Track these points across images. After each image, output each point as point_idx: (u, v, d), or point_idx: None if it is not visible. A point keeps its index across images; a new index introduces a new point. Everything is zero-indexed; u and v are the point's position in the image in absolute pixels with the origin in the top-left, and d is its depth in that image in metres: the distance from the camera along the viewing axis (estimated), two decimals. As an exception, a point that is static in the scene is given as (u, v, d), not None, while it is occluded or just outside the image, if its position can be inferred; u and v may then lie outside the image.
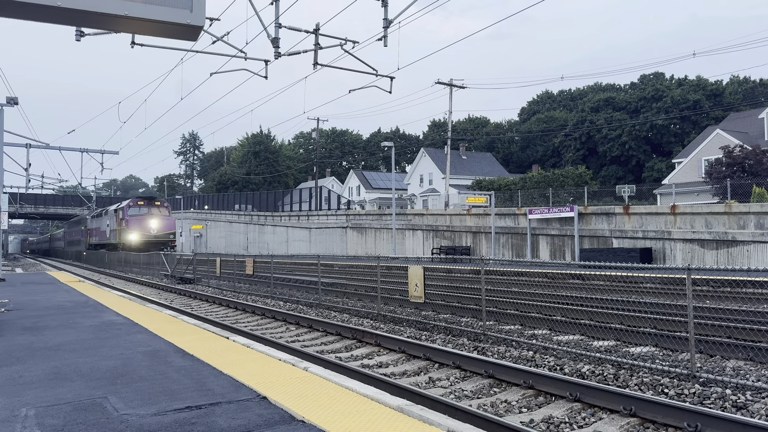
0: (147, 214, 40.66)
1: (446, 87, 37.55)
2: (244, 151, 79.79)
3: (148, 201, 42.44)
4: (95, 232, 49.82)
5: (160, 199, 44.02)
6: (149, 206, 41.58)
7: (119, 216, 41.00)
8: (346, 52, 16.64)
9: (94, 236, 49.99)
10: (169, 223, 41.35)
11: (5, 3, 3.59)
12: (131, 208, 40.78)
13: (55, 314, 9.69)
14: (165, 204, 43.16)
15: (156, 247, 35.88)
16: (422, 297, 11.32)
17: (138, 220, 39.79)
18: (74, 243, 64.25)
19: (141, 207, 41.25)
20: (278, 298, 16.49)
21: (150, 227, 39.98)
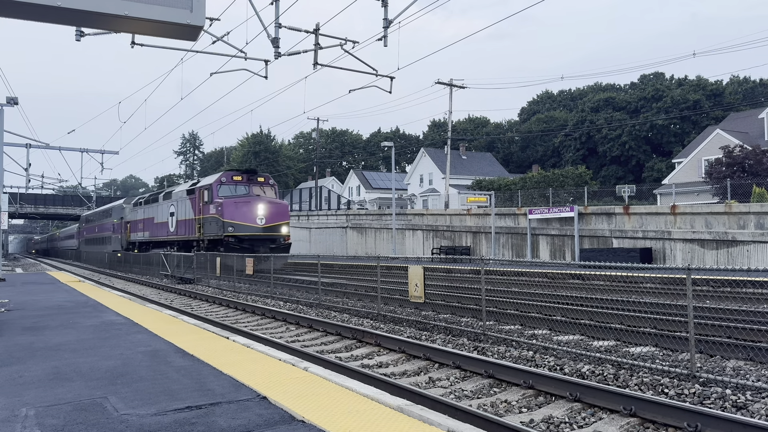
0: (248, 195, 25.79)
1: (446, 87, 37.56)
2: (244, 151, 79.79)
3: (248, 175, 27.06)
4: (144, 226, 35.34)
5: (263, 174, 27.73)
6: (250, 182, 26.55)
7: (202, 198, 26.55)
8: (346, 52, 16.64)
9: (141, 231, 35.85)
10: (280, 209, 25.98)
11: (5, 3, 3.59)
12: (223, 185, 25.89)
13: (55, 314, 9.69)
14: (270, 180, 27.68)
15: (264, 247, 24.28)
16: (422, 297, 11.31)
17: (236, 204, 24.87)
18: (97, 242, 49.35)
19: (238, 183, 26.30)
20: (278, 298, 16.49)
21: (255, 214, 24.91)
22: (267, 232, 24.92)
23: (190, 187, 29.13)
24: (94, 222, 52.72)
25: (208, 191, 26.08)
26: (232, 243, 24.08)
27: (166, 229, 31.31)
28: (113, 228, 43.62)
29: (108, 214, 45.98)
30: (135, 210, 38.26)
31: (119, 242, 41.64)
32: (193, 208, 27.62)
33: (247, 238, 24.35)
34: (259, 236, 24.65)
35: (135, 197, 44.92)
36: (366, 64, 17.41)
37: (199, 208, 26.95)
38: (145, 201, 36.21)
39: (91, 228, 53.97)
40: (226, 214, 24.54)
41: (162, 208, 32.29)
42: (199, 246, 26.84)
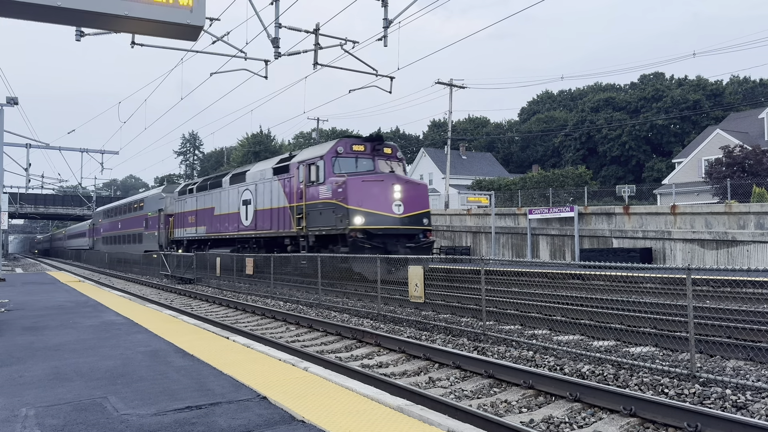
0: (375, 172, 18.39)
1: (446, 87, 37.57)
2: (244, 151, 79.76)
3: (372, 143, 19.00)
4: (197, 219, 27.59)
5: (389, 143, 19.83)
6: (375, 154, 18.83)
7: (307, 176, 18.90)
8: (346, 52, 16.65)
9: (192, 226, 28.24)
10: (420, 193, 18.46)
11: (5, 3, 3.59)
12: (340, 158, 18.33)
13: (55, 314, 9.69)
14: (398, 152, 19.74)
15: (401, 246, 16.89)
16: (422, 297, 11.31)
17: (364, 184, 17.48)
18: (122, 240, 40.99)
19: (360, 155, 18.63)
20: (278, 298, 16.49)
21: (391, 200, 17.44)
22: (406, 225, 17.24)
23: (279, 163, 21.25)
24: (116, 216, 43.39)
25: (317, 166, 18.38)
26: (360, 240, 16.38)
27: (236, 223, 23.75)
28: (147, 223, 34.98)
29: (137, 207, 37.92)
30: (181, 200, 30.07)
31: (155, 240, 33.03)
32: (287, 192, 20.14)
33: (380, 233, 16.76)
34: (396, 231, 17.05)
35: (178, 184, 37.28)
36: (366, 64, 17.41)
37: (297, 190, 19.30)
38: (198, 187, 28.35)
39: (112, 224, 44.68)
40: (352, 198, 16.79)
41: (228, 196, 24.81)
42: (297, 244, 19.45)
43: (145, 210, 36.14)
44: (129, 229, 39.49)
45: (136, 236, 37.67)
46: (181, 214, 30.22)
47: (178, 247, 30.53)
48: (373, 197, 17.20)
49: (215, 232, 26.01)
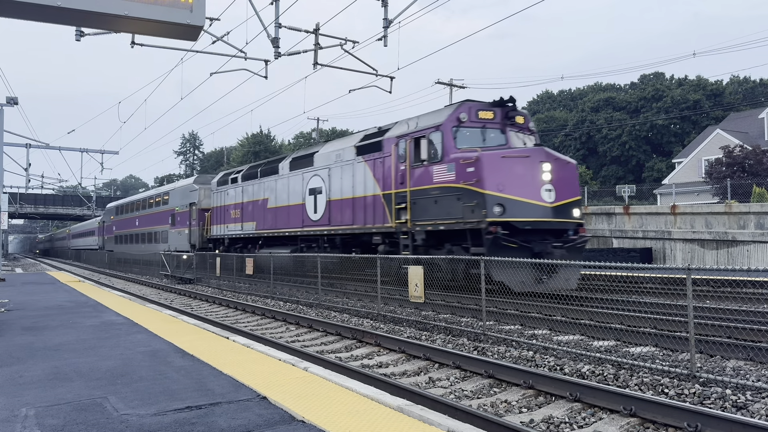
0: (508, 147, 13.96)
1: (446, 87, 37.57)
2: (244, 151, 79.72)
3: (503, 110, 14.42)
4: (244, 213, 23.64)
5: (521, 111, 14.82)
6: (506, 123, 14.43)
7: (416, 151, 14.76)
8: (346, 52, 16.64)
9: (237, 221, 24.20)
10: (570, 175, 13.76)
11: (5, 3, 3.59)
12: (463, 129, 14.03)
13: (55, 314, 9.69)
14: (530, 123, 15.24)
15: (549, 244, 12.68)
16: (422, 297, 11.31)
17: (505, 162, 13.05)
18: (142, 239, 36.32)
19: (488, 124, 14.28)
20: (278, 298, 16.49)
21: (539, 183, 12.94)
22: (558, 217, 12.93)
23: (366, 140, 16.76)
24: (133, 213, 38.53)
25: (430, 140, 14.14)
26: (503, 238, 12.15)
27: (300, 217, 19.68)
28: (173, 219, 30.60)
29: (160, 201, 33.19)
30: (221, 191, 25.93)
31: (185, 239, 28.64)
32: (378, 176, 15.98)
33: (528, 227, 12.59)
34: (546, 225, 12.82)
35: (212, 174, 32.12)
36: (366, 64, 17.41)
37: (397, 173, 15.18)
38: (245, 175, 23.98)
39: (127, 221, 39.66)
40: (490, 180, 12.69)
41: (287, 184, 20.69)
42: (395, 243, 15.35)
43: (171, 204, 31.34)
44: (150, 226, 34.73)
45: (159, 234, 33.16)
46: (221, 208, 25.66)
47: (217, 246, 26.20)
48: (516, 180, 12.81)
49: (269, 228, 21.77)
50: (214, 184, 27.07)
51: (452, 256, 12.28)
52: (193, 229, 28.13)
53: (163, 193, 33.71)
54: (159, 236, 33.23)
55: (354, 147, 17.42)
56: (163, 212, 32.48)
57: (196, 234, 27.78)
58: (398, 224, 15.12)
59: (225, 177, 26.33)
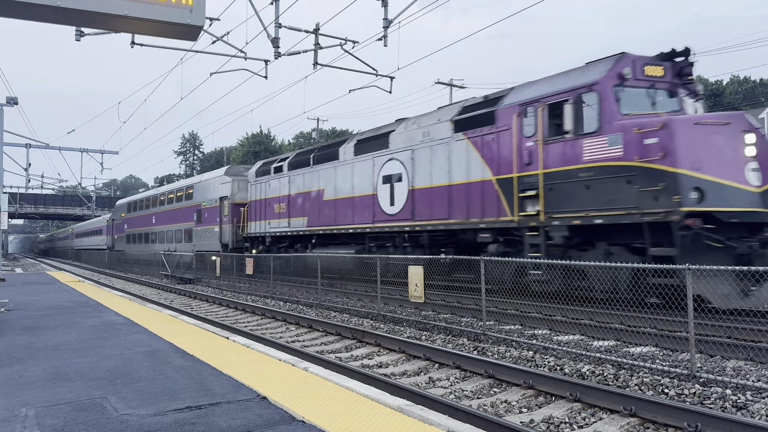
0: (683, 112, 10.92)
1: (446, 87, 37.58)
2: (244, 151, 79.73)
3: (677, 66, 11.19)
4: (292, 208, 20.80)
5: None
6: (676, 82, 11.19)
7: (549, 124, 11.56)
8: (346, 52, 16.64)
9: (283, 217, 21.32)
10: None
11: (5, 3, 3.59)
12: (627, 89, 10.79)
13: (55, 314, 9.69)
14: (698, 85, 11.54)
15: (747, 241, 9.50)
16: (422, 297, 11.30)
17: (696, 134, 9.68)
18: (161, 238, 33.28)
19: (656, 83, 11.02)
20: (278, 298, 16.49)
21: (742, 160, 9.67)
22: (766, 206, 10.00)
23: (469, 112, 13.74)
24: (148, 209, 35.33)
25: (577, 105, 11.13)
26: (705, 233, 9.47)
27: (369, 210, 16.74)
28: (200, 216, 27.49)
29: (183, 196, 30.13)
30: (260, 183, 23.02)
31: (215, 237, 25.85)
32: (488, 157, 13.05)
33: (733, 219, 9.70)
34: (755, 217, 9.91)
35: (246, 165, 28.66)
36: (366, 64, 17.41)
37: (521, 152, 12.20)
38: (292, 163, 21.19)
39: (143, 219, 36.36)
40: (683, 156, 9.70)
41: (350, 172, 17.80)
42: (513, 242, 12.64)
43: (196, 199, 28.29)
44: (170, 224, 31.61)
45: (181, 233, 30.07)
46: (261, 201, 22.67)
47: (254, 245, 23.36)
48: (715, 155, 9.75)
49: (326, 224, 18.82)
50: (252, 175, 23.93)
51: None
52: (225, 226, 25.18)
53: (186, 187, 30.25)
54: (181, 235, 30.00)
55: (450, 122, 14.08)
56: (187, 208, 29.21)
57: (229, 232, 24.86)
58: (523, 217, 11.94)
59: (266, 166, 23.29)
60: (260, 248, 22.91)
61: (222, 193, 25.75)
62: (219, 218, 25.79)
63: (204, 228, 27.30)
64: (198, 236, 27.83)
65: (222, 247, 25.13)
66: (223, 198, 25.62)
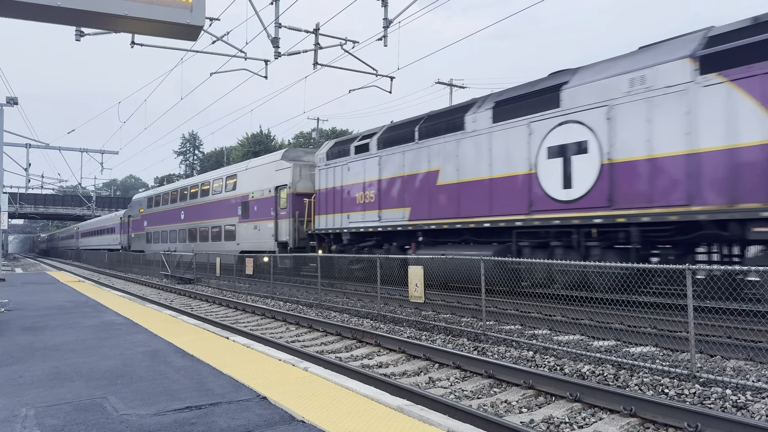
0: None
1: (446, 87, 37.58)
2: (243, 151, 79.69)
3: None
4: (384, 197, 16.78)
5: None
6: None
7: None
8: (346, 52, 16.65)
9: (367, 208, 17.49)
10: None
11: (5, 3, 3.59)
12: None
13: (54, 314, 9.69)
14: None
15: None
16: (422, 297, 11.30)
17: None
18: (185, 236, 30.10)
19: None
20: (278, 298, 16.49)
21: None
22: None
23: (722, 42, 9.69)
24: (176, 203, 30.94)
25: None
26: None
27: (526, 197, 12.74)
28: (248, 209, 23.36)
29: (224, 186, 25.84)
30: (334, 166, 18.99)
31: (268, 235, 21.93)
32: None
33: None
34: None
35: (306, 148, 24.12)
36: (366, 64, 17.42)
37: None
38: (382, 139, 17.18)
39: (168, 214, 31.93)
40: None
41: (488, 144, 13.73)
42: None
43: (240, 189, 24.15)
44: (205, 219, 27.10)
45: (220, 231, 25.62)
46: (336, 190, 18.65)
47: (324, 243, 19.43)
48: None
49: (441, 216, 14.82)
50: (321, 158, 19.65)
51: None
52: (283, 221, 21.05)
53: (226, 176, 25.87)
54: (220, 232, 25.57)
55: (691, 60, 9.92)
56: (227, 201, 24.89)
57: (288, 228, 20.74)
58: None
59: (341, 146, 18.74)
60: (333, 247, 18.97)
61: (278, 181, 21.66)
62: (274, 211, 21.58)
63: (253, 223, 23.10)
64: (244, 233, 23.65)
65: (278, 247, 21.37)
66: (279, 187, 21.58)
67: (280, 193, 21.64)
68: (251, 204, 23.32)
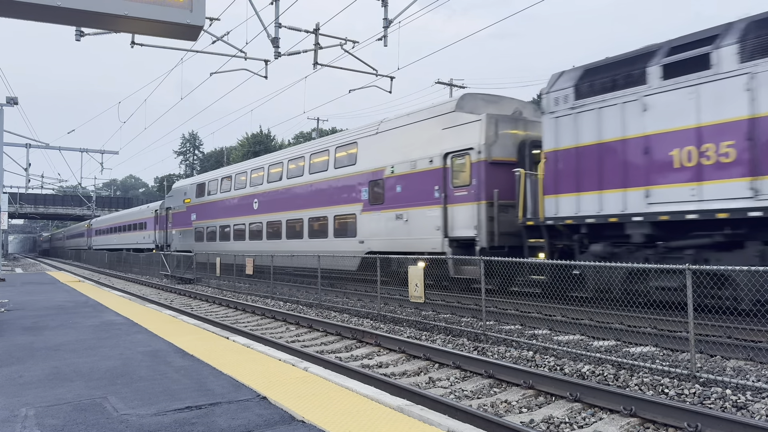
0: None
1: (446, 87, 37.56)
2: (243, 151, 79.63)
3: None
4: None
5: None
6: None
7: None
8: (346, 51, 16.65)
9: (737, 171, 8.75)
10: None
11: (5, 3, 3.59)
12: None
13: (54, 314, 9.69)
14: None
15: None
16: (422, 297, 11.31)
17: None
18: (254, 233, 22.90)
19: None
20: (278, 298, 16.49)
21: None
22: None
23: None
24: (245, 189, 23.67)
25: None
26: None
27: None
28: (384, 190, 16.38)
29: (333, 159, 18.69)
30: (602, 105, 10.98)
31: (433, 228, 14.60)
32: None
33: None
34: None
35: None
36: (366, 63, 17.41)
37: None
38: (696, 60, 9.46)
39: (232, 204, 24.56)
40: None
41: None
42: None
43: (364, 163, 17.27)
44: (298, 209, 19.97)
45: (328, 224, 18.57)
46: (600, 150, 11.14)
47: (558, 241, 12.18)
48: None
49: None
50: (558, 99, 11.80)
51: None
52: (462, 206, 13.87)
53: (337, 146, 18.62)
54: (328, 226, 18.44)
55: None
56: (340, 181, 18.02)
57: (474, 216, 13.44)
58: None
59: (618, 70, 10.86)
60: (588, 248, 11.48)
61: (452, 143, 14.24)
62: (441, 191, 14.32)
63: (393, 211, 15.83)
64: (374, 227, 16.47)
65: (451, 246, 13.97)
66: (454, 154, 14.17)
67: (454, 163, 14.16)
68: (389, 183, 16.01)
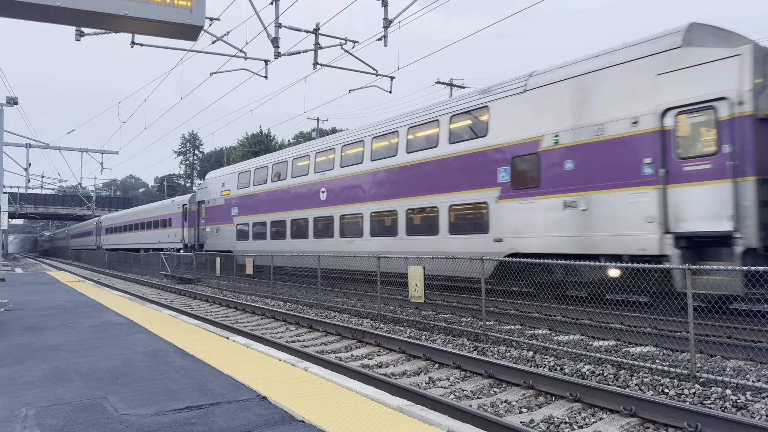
0: None
1: (446, 87, 37.56)
2: (243, 151, 79.57)
3: None
4: None
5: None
6: None
7: None
8: (346, 51, 16.64)
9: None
10: None
11: (5, 3, 3.59)
12: None
13: (54, 314, 9.69)
14: None
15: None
16: (422, 297, 11.31)
17: None
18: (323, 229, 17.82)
19: None
20: (278, 298, 16.49)
21: None
22: None
23: None
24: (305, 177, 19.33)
25: None
26: None
27: None
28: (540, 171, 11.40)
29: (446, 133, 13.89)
30: None
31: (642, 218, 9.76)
32: None
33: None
34: None
35: None
36: (366, 63, 17.41)
37: None
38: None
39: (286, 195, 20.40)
40: None
41: None
42: None
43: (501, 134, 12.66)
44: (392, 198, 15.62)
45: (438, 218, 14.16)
46: None
47: None
48: None
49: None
50: None
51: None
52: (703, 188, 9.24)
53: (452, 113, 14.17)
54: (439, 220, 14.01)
55: None
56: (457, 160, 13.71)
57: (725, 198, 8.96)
58: None
59: None
60: None
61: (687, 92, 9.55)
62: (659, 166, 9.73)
63: (555, 198, 11.44)
64: (520, 219, 12.11)
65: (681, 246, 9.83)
66: (689, 109, 9.52)
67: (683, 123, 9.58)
68: (550, 158, 11.50)
